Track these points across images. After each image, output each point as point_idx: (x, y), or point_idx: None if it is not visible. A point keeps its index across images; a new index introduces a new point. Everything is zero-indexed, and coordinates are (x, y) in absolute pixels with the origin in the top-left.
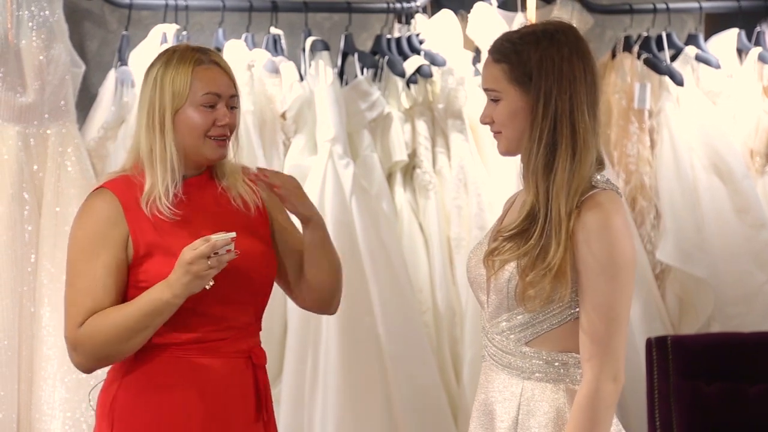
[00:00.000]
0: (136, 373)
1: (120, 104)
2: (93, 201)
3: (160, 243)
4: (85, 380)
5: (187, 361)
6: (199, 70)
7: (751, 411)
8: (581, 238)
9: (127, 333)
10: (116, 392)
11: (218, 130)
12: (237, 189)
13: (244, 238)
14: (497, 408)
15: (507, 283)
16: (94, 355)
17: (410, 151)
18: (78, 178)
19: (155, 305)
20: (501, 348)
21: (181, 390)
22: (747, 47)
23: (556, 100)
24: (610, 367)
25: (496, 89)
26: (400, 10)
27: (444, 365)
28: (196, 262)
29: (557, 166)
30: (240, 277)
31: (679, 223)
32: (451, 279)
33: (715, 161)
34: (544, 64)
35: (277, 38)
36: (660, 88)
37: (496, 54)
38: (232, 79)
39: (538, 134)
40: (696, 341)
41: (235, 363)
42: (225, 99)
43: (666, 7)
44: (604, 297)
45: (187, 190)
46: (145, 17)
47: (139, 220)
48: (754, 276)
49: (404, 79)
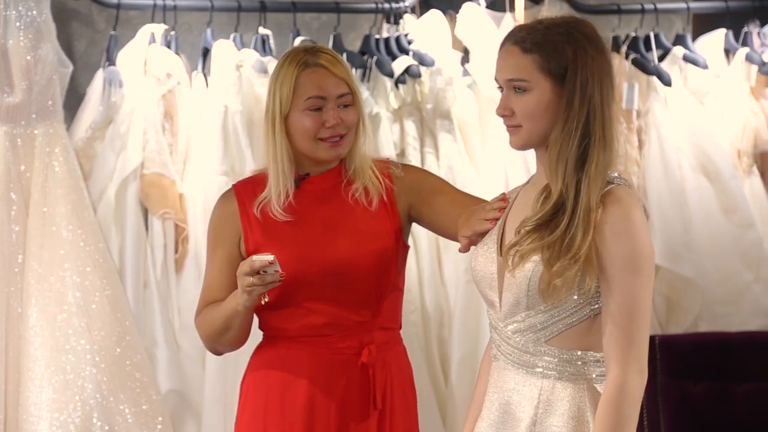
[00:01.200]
0: (257, 357)
1: (108, 104)
2: (219, 200)
3: (267, 242)
4: (72, 381)
5: (297, 352)
6: (303, 74)
7: (738, 410)
8: (605, 233)
9: (217, 330)
10: (246, 372)
11: (328, 131)
12: (365, 183)
13: (346, 238)
14: (514, 408)
15: (528, 281)
16: (205, 343)
17: (399, 151)
18: (65, 179)
19: (230, 311)
20: (518, 347)
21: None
22: (734, 47)
23: (591, 92)
24: (636, 361)
25: (525, 79)
26: (388, 10)
27: (432, 365)
28: (240, 278)
29: (591, 159)
30: (337, 278)
31: (666, 223)
32: (439, 279)
33: (703, 161)
34: (579, 57)
35: (265, 38)
36: (648, 88)
37: (525, 44)
38: (342, 77)
39: (574, 127)
40: (683, 341)
41: (340, 359)
42: (332, 100)
43: (654, 8)
44: (628, 291)
45: (308, 187)
46: (133, 17)
47: (251, 218)
48: (742, 275)
49: (393, 80)
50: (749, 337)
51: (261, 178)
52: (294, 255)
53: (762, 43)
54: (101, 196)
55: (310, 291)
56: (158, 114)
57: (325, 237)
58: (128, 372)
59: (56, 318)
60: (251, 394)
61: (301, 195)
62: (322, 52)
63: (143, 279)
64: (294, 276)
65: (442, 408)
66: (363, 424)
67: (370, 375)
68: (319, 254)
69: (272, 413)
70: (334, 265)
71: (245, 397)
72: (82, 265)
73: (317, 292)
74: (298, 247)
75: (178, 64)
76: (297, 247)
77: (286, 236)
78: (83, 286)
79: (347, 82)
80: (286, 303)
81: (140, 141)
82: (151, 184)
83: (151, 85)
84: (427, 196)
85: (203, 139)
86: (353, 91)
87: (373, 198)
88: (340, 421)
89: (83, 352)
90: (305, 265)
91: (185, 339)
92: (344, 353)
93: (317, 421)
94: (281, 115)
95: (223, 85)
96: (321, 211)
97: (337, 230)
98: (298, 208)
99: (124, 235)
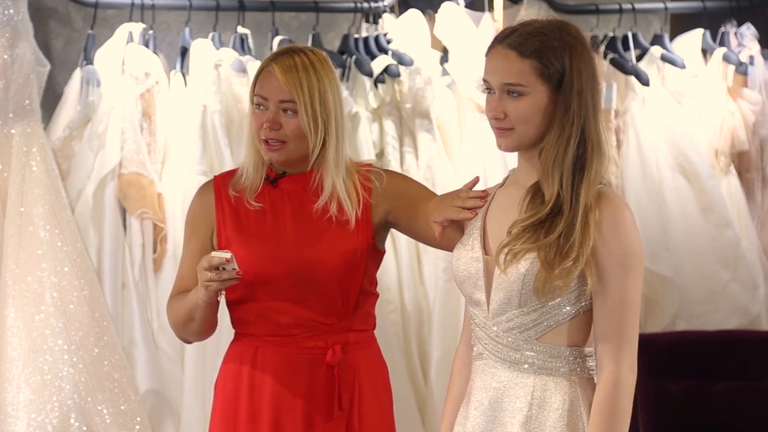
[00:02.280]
0: (228, 354)
1: (85, 103)
2: (198, 190)
3: (237, 237)
4: (50, 382)
5: (264, 350)
6: (262, 73)
7: (715, 408)
8: (600, 232)
9: (182, 320)
10: (219, 369)
11: (264, 132)
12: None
13: (315, 240)
14: (506, 405)
15: (522, 278)
16: (174, 331)
17: (378, 151)
18: (43, 178)
19: (192, 303)
20: (508, 345)
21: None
22: (712, 47)
23: (587, 97)
24: (628, 357)
25: (523, 84)
26: (367, 9)
27: (411, 364)
28: (199, 272)
29: (588, 162)
30: (303, 279)
31: (644, 222)
32: (418, 278)
33: (681, 161)
34: (575, 63)
35: (244, 37)
36: (626, 87)
37: (522, 48)
38: (286, 84)
39: (571, 133)
40: (661, 339)
41: (306, 359)
42: (273, 102)
43: (632, 8)
44: (621, 289)
45: (283, 187)
46: (110, 16)
47: (225, 211)
48: (719, 275)
49: (372, 79)
50: (726, 336)
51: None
52: (261, 253)
53: (739, 43)
54: (79, 196)
55: (277, 290)
56: (136, 113)
57: (296, 237)
58: (106, 372)
59: (34, 318)
60: (222, 393)
61: (276, 193)
62: (288, 54)
63: (121, 279)
64: (261, 274)
65: (422, 407)
66: (330, 425)
67: (335, 376)
68: (288, 254)
69: (242, 411)
70: (301, 266)
71: (217, 392)
72: (60, 265)
73: (284, 291)
74: (266, 246)
75: (157, 63)
76: (267, 245)
77: (255, 234)
78: (61, 286)
79: (291, 91)
80: (253, 301)
81: (118, 140)
82: (129, 184)
83: (129, 84)
84: (410, 203)
85: (182, 139)
86: (298, 100)
87: (348, 212)
88: (307, 421)
89: (61, 353)
90: (272, 265)
91: (164, 339)
92: (310, 353)
93: (284, 421)
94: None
95: (201, 85)
96: (294, 210)
97: (308, 232)
98: (273, 205)
99: (102, 235)
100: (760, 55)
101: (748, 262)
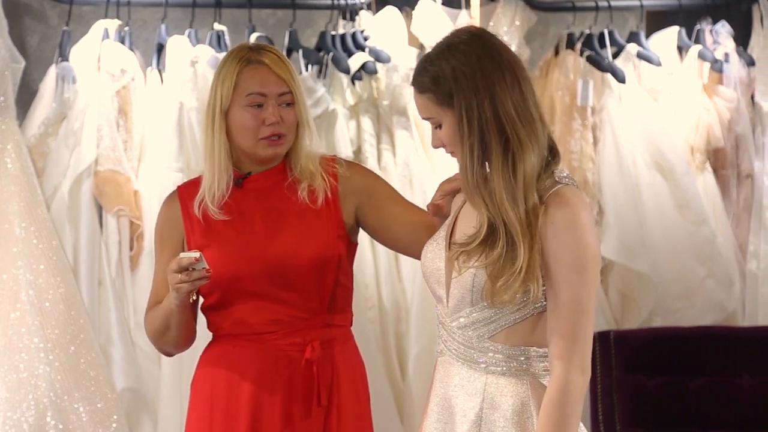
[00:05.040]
0: (205, 355)
1: (61, 100)
2: (164, 202)
3: (207, 243)
4: (26, 380)
5: (241, 350)
6: (246, 70)
7: (691, 404)
8: (549, 234)
9: (159, 330)
10: (195, 370)
11: (267, 130)
12: (309, 181)
13: (287, 236)
14: (458, 403)
15: (472, 279)
16: (154, 345)
17: (355, 148)
18: (18, 175)
19: (167, 310)
20: (463, 342)
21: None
22: (687, 45)
23: (478, 109)
24: (579, 360)
25: (432, 116)
26: (344, 6)
27: (389, 361)
28: (169, 276)
29: (493, 176)
30: (278, 276)
31: (621, 219)
32: (396, 275)
33: (657, 158)
34: (458, 79)
35: (220, 34)
36: (602, 85)
37: (417, 86)
38: (283, 77)
39: (468, 149)
40: (638, 336)
41: (285, 356)
42: (273, 97)
43: (608, 5)
44: (573, 291)
45: (249, 186)
46: (86, 12)
47: (193, 220)
48: (695, 271)
49: (349, 76)
50: (702, 332)
51: (200, 179)
52: (234, 254)
53: (714, 40)
54: (55, 193)
55: (252, 289)
56: (112, 110)
57: (266, 235)
58: (83, 370)
59: (9, 316)
60: (198, 393)
61: (243, 194)
62: (266, 50)
63: (98, 276)
64: (235, 275)
65: (400, 403)
66: (308, 421)
67: (314, 372)
68: (259, 253)
69: (218, 411)
70: (274, 263)
71: (193, 395)
72: (36, 262)
73: (259, 290)
74: (237, 246)
75: (132, 60)
76: (237, 246)
77: (226, 236)
78: (36, 284)
79: (288, 82)
80: (228, 302)
81: (94, 137)
82: (106, 181)
83: (104, 81)
84: (379, 202)
85: (158, 136)
86: (294, 91)
87: (318, 197)
88: (285, 418)
89: (37, 351)
90: (245, 264)
91: (141, 337)
92: (288, 350)
93: (262, 419)
94: (221, 111)
95: (178, 81)
96: (262, 209)
97: (278, 228)
98: (240, 206)
99: (78, 233)
100: (735, 52)
101: (723, 258)
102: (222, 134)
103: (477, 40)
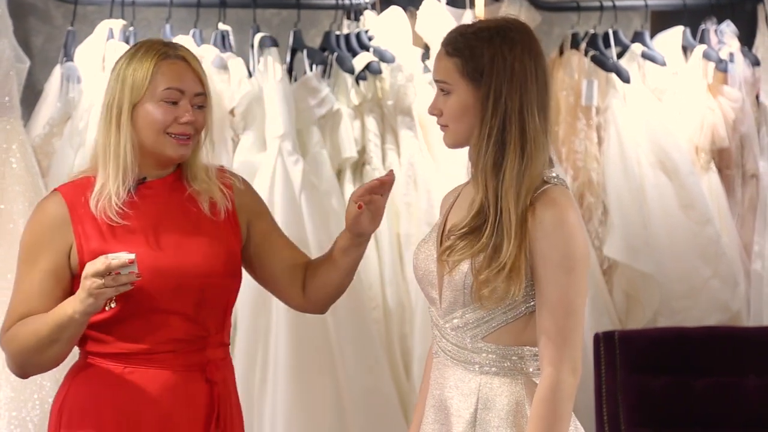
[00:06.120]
0: (86, 379)
1: (66, 100)
2: (42, 205)
3: (107, 250)
4: (31, 380)
5: (135, 371)
6: (163, 64)
7: (696, 404)
8: (538, 234)
9: (40, 343)
10: (66, 394)
11: (180, 127)
12: (209, 192)
13: (195, 247)
14: (453, 404)
15: (463, 280)
16: (15, 362)
17: (360, 148)
18: (23, 175)
19: (62, 319)
20: (456, 344)
21: (126, 400)
22: (692, 45)
23: (506, 98)
24: (570, 360)
25: (447, 81)
26: (349, 6)
27: (394, 361)
28: (87, 279)
29: (506, 165)
30: (184, 289)
31: (625, 219)
32: (401, 275)
33: (661, 158)
34: (496, 62)
35: (225, 34)
36: (607, 85)
37: (449, 47)
38: (200, 77)
39: (487, 132)
40: (642, 336)
41: (185, 376)
42: (189, 96)
43: (612, 5)
44: (562, 291)
45: (146, 192)
46: (90, 12)
47: (86, 226)
48: (700, 271)
49: (353, 76)
50: (707, 332)
51: (85, 181)
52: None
53: (719, 40)
54: None
55: (154, 304)
56: None
57: (173, 246)
58: None
59: None
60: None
61: (140, 200)
62: (181, 47)
63: None
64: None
65: (404, 404)
66: None
67: (214, 395)
68: (168, 264)
69: None
70: (185, 276)
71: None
72: None
73: (161, 305)
74: (142, 257)
75: None
76: (142, 256)
77: (129, 244)
78: None
79: (204, 82)
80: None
81: None
82: None
83: None
84: (267, 228)
85: None
86: (208, 93)
87: (220, 210)
88: None
89: None
90: (152, 276)
91: None
92: (190, 370)
93: None
94: (130, 105)
95: None
96: (165, 219)
97: (185, 241)
98: (138, 213)
99: None
100: (739, 52)
101: (728, 258)
102: (129, 129)
103: (525, 34)
